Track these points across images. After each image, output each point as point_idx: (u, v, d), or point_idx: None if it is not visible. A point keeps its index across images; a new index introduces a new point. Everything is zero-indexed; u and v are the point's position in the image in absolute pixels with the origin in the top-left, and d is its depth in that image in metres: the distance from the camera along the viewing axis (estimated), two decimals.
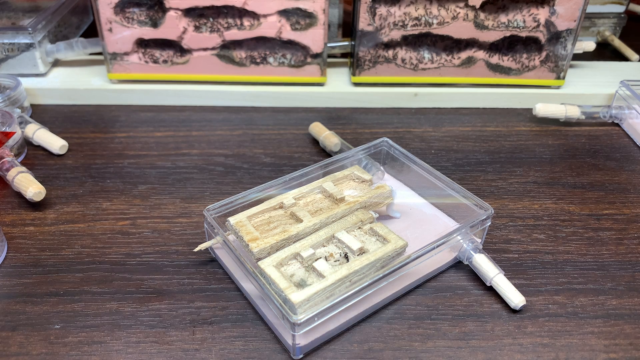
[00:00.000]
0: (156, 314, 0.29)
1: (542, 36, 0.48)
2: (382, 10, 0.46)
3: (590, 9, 0.61)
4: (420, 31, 0.47)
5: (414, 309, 0.30)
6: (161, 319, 0.29)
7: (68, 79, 0.50)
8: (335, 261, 0.29)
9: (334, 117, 0.49)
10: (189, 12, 0.47)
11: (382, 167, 0.38)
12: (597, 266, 0.33)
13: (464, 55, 0.49)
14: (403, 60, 0.49)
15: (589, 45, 0.52)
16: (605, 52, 0.62)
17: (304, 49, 0.48)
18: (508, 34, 0.48)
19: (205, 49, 0.48)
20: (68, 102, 0.50)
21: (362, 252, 0.29)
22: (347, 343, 0.28)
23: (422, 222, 0.35)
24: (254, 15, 0.47)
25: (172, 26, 0.47)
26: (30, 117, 0.47)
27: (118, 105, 0.50)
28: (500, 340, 0.28)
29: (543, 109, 0.47)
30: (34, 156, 0.42)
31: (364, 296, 0.27)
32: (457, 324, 0.29)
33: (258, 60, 0.49)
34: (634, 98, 0.46)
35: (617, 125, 0.48)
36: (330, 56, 0.53)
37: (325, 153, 0.43)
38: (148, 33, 0.47)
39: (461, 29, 0.47)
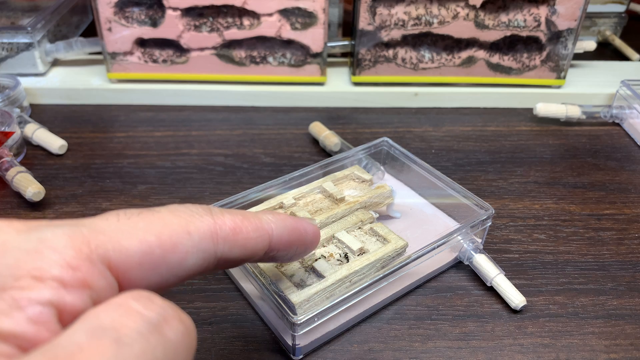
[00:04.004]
0: None
1: (542, 36, 0.48)
2: (382, 9, 0.46)
3: (591, 8, 0.61)
4: (420, 31, 0.47)
5: (414, 310, 0.30)
6: None
7: (67, 78, 0.50)
8: (335, 261, 0.29)
9: (334, 116, 0.49)
10: (189, 12, 0.47)
11: (382, 167, 0.38)
12: (597, 266, 0.33)
13: (464, 54, 0.49)
14: (403, 59, 0.49)
15: (590, 44, 0.52)
16: (606, 51, 0.62)
17: (303, 48, 0.48)
18: (508, 33, 0.48)
19: (204, 49, 0.48)
20: (67, 102, 0.50)
21: (362, 252, 0.29)
22: (347, 343, 0.28)
23: (423, 222, 0.35)
24: (253, 15, 0.47)
25: (172, 26, 0.47)
26: (30, 116, 0.47)
27: (117, 105, 0.50)
28: (501, 341, 0.28)
29: (544, 109, 0.47)
30: (33, 156, 0.42)
31: (364, 296, 0.27)
32: (458, 324, 0.29)
33: (258, 60, 0.49)
34: (634, 98, 0.46)
35: (618, 125, 0.48)
36: (330, 56, 0.53)
37: (325, 153, 0.43)
38: (147, 32, 0.47)
39: (461, 29, 0.47)
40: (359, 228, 0.31)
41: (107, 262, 0.15)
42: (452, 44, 0.49)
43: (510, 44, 0.49)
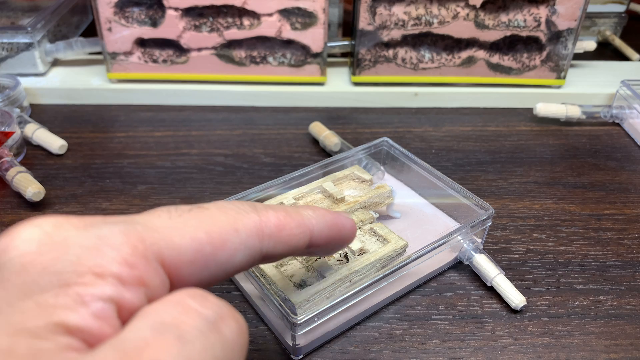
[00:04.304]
0: None
1: (542, 36, 0.48)
2: (382, 9, 0.46)
3: (591, 8, 0.61)
4: (420, 31, 0.47)
5: (414, 309, 0.30)
6: None
7: (67, 78, 0.50)
8: (335, 261, 0.29)
9: (334, 116, 0.49)
10: (189, 12, 0.47)
11: (382, 167, 0.38)
12: (597, 266, 0.33)
13: (464, 54, 0.49)
14: (403, 59, 0.49)
15: (590, 44, 0.52)
16: (606, 51, 0.62)
17: (304, 48, 0.48)
18: (508, 33, 0.48)
19: (204, 49, 0.48)
20: (67, 102, 0.50)
21: (362, 252, 0.29)
22: (347, 343, 0.28)
23: (423, 222, 0.35)
24: (253, 15, 0.47)
25: (172, 25, 0.47)
26: (30, 116, 0.47)
27: (117, 105, 0.50)
28: (501, 341, 0.28)
29: (544, 109, 0.47)
30: (33, 156, 0.42)
31: (364, 296, 0.27)
32: (458, 324, 0.29)
33: (258, 60, 0.49)
34: (634, 98, 0.46)
35: (618, 125, 0.48)
36: (330, 56, 0.53)
37: (325, 153, 0.43)
38: (147, 32, 0.47)
39: (461, 29, 0.47)
40: (359, 228, 0.31)
41: (161, 259, 0.15)
42: (452, 44, 0.49)
43: (510, 44, 0.49)
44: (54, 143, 0.42)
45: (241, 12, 0.47)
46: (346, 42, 0.51)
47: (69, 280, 0.14)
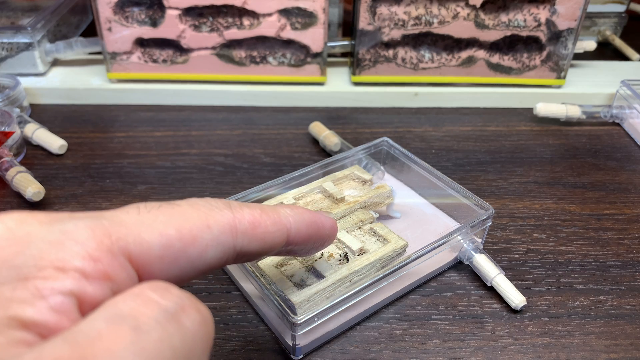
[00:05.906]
0: None
1: (542, 35, 0.48)
2: (382, 9, 0.46)
3: (591, 8, 0.61)
4: (420, 30, 0.47)
5: (414, 309, 0.30)
6: None
7: (67, 78, 0.50)
8: (335, 261, 0.29)
9: (334, 116, 0.49)
10: (189, 12, 0.47)
11: (382, 167, 0.38)
12: (597, 266, 0.33)
13: (464, 54, 0.49)
14: (403, 59, 0.49)
15: (590, 44, 0.52)
16: (606, 51, 0.62)
17: (304, 48, 0.48)
18: (509, 33, 0.48)
19: (204, 49, 0.48)
20: (67, 102, 0.50)
21: (362, 252, 0.29)
22: (347, 343, 0.28)
23: (423, 222, 0.35)
24: (253, 15, 0.47)
25: (172, 25, 0.47)
26: (30, 116, 0.47)
27: (117, 105, 0.50)
28: (501, 341, 0.28)
29: (544, 109, 0.47)
30: (33, 156, 0.42)
31: (364, 296, 0.27)
32: (458, 324, 0.29)
33: (258, 60, 0.49)
34: (634, 98, 0.46)
35: (618, 125, 0.48)
36: (330, 55, 0.53)
37: (325, 153, 0.43)
38: (147, 32, 0.47)
39: (462, 29, 0.47)
40: (359, 228, 0.31)
41: (128, 254, 0.15)
42: (452, 44, 0.49)
43: (510, 44, 0.49)
44: (54, 143, 0.42)
45: (241, 12, 0.47)
46: (346, 42, 0.51)
47: (28, 274, 0.14)
